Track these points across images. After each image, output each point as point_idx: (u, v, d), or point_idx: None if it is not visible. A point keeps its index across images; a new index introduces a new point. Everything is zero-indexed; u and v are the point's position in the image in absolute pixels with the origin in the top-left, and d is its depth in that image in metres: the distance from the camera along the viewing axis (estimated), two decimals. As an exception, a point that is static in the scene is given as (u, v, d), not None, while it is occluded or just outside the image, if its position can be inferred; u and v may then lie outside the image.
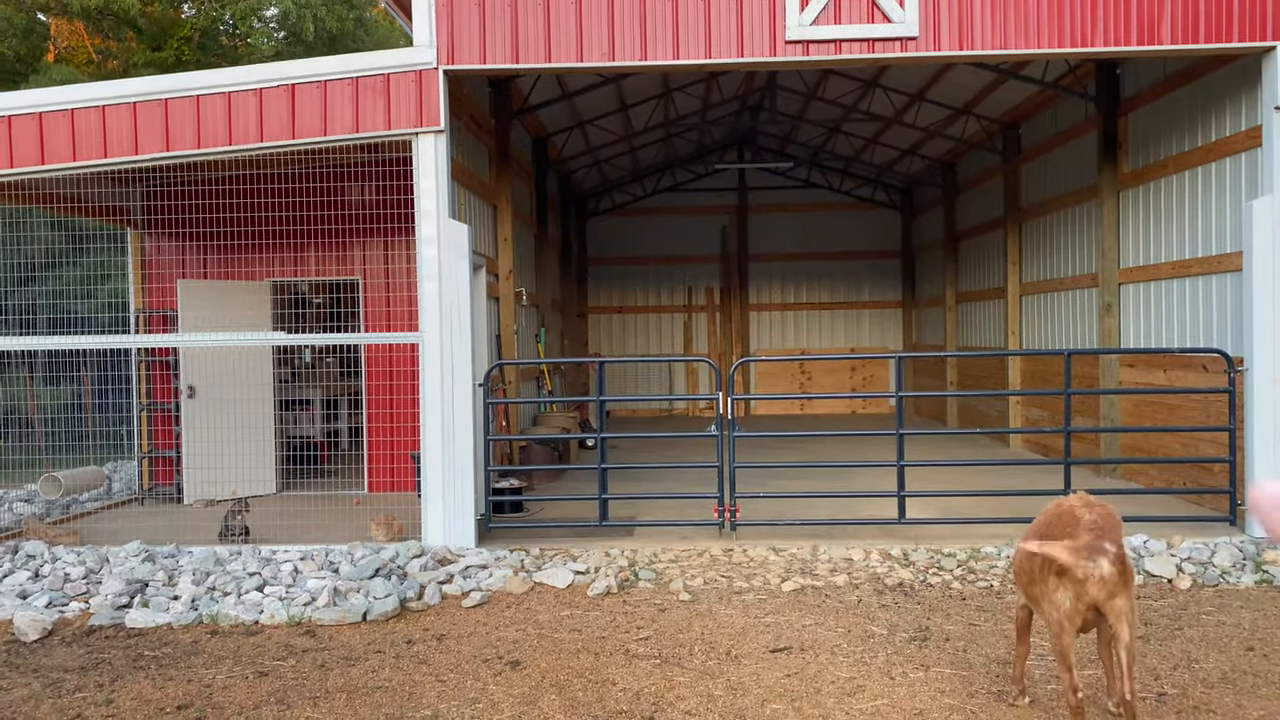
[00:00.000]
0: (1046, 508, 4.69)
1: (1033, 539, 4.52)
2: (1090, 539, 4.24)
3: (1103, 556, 4.20)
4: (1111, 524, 4.34)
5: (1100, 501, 4.51)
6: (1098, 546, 4.21)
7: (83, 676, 5.72)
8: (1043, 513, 4.68)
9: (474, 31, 8.15)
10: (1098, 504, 4.47)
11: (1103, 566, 4.17)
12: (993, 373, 15.00)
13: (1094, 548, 4.21)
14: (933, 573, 7.51)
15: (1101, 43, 8.05)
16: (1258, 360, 8.09)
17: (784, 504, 9.61)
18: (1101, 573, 4.17)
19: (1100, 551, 4.21)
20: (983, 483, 10.03)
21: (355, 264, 11.06)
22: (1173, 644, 5.91)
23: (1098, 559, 4.19)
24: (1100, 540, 4.23)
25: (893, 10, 8.04)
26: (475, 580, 7.45)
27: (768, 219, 20.90)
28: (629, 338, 21.11)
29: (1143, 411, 10.46)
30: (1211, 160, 9.27)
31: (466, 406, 8.29)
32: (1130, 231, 10.93)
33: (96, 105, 8.11)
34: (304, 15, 22.88)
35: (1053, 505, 4.65)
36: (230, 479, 10.45)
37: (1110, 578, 4.18)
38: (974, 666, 5.57)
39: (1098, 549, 4.21)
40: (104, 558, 7.86)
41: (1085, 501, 4.48)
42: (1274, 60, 8.01)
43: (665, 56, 8.18)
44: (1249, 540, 7.91)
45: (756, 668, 5.62)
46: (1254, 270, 8.10)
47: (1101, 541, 4.23)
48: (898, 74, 13.74)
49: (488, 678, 5.57)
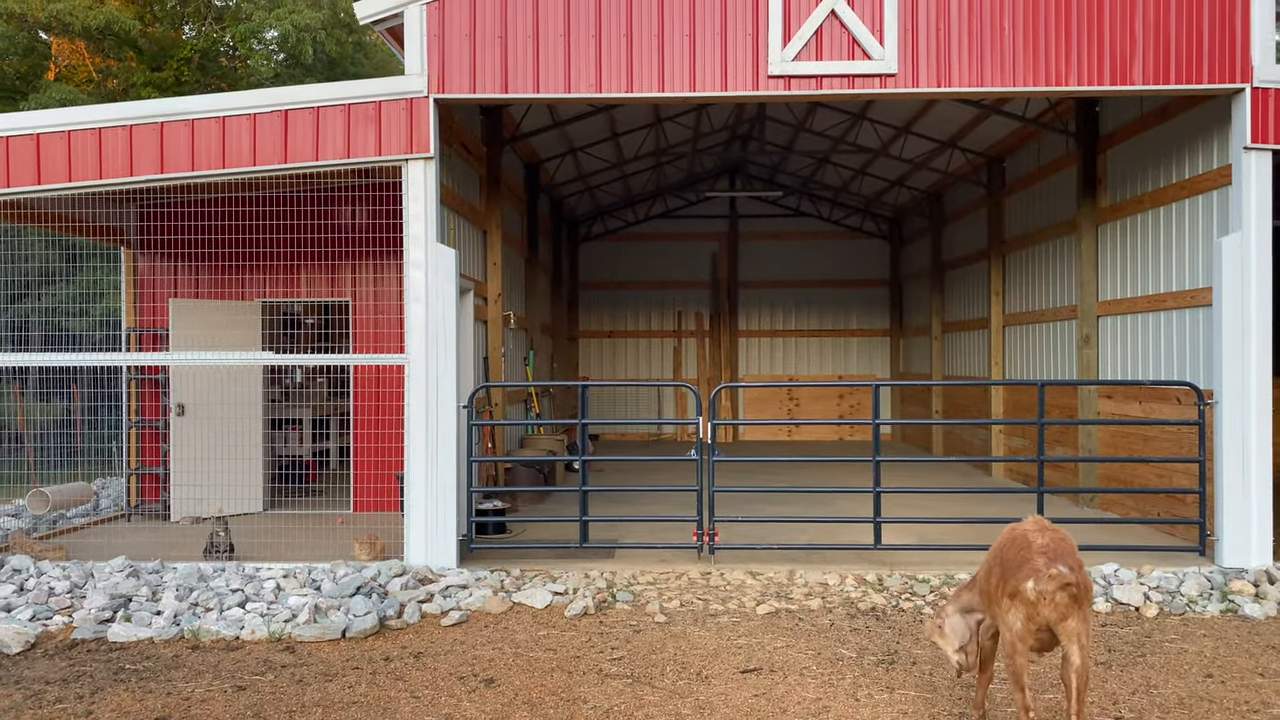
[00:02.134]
0: (1002, 534, 4.83)
1: (988, 565, 4.67)
2: (1042, 561, 4.38)
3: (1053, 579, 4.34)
4: (1064, 548, 4.48)
5: (1054, 526, 4.66)
6: (1049, 569, 4.35)
7: (63, 688, 5.82)
8: (998, 539, 4.82)
9: (464, 61, 8.35)
10: (1050, 528, 4.62)
11: (1053, 588, 4.31)
12: (976, 402, 15.17)
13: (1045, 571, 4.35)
14: (905, 598, 7.64)
15: (1075, 82, 8.28)
16: (1226, 393, 8.27)
17: (763, 528, 9.73)
18: (1054, 595, 4.31)
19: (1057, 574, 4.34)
20: (960, 510, 10.17)
21: (346, 286, 11.21)
22: (1134, 670, 6.04)
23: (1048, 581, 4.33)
24: (1052, 563, 4.37)
25: (873, 48, 8.26)
26: (455, 600, 7.56)
27: (758, 246, 21.13)
28: (619, 362, 21.26)
29: (1119, 442, 10.62)
30: (1185, 197, 9.48)
31: (450, 428, 8.42)
32: (1108, 265, 11.14)
33: (93, 127, 8.27)
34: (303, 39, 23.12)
35: (1007, 531, 4.79)
36: (217, 497, 10.55)
37: (1061, 600, 4.31)
38: (938, 689, 5.69)
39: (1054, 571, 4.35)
40: (89, 573, 7.95)
41: (1039, 526, 4.63)
42: (1243, 101, 8.23)
43: (651, 89, 8.38)
44: (1217, 570, 8.05)
45: (726, 688, 5.73)
46: (1223, 305, 8.29)
47: (1053, 564, 4.37)
48: (884, 107, 13.99)
49: (462, 694, 5.67)
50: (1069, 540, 4.58)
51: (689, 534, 9.13)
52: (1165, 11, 8.19)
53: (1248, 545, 8.22)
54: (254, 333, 11.17)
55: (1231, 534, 8.26)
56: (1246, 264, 8.24)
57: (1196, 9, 8.20)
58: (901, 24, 8.25)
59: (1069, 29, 8.23)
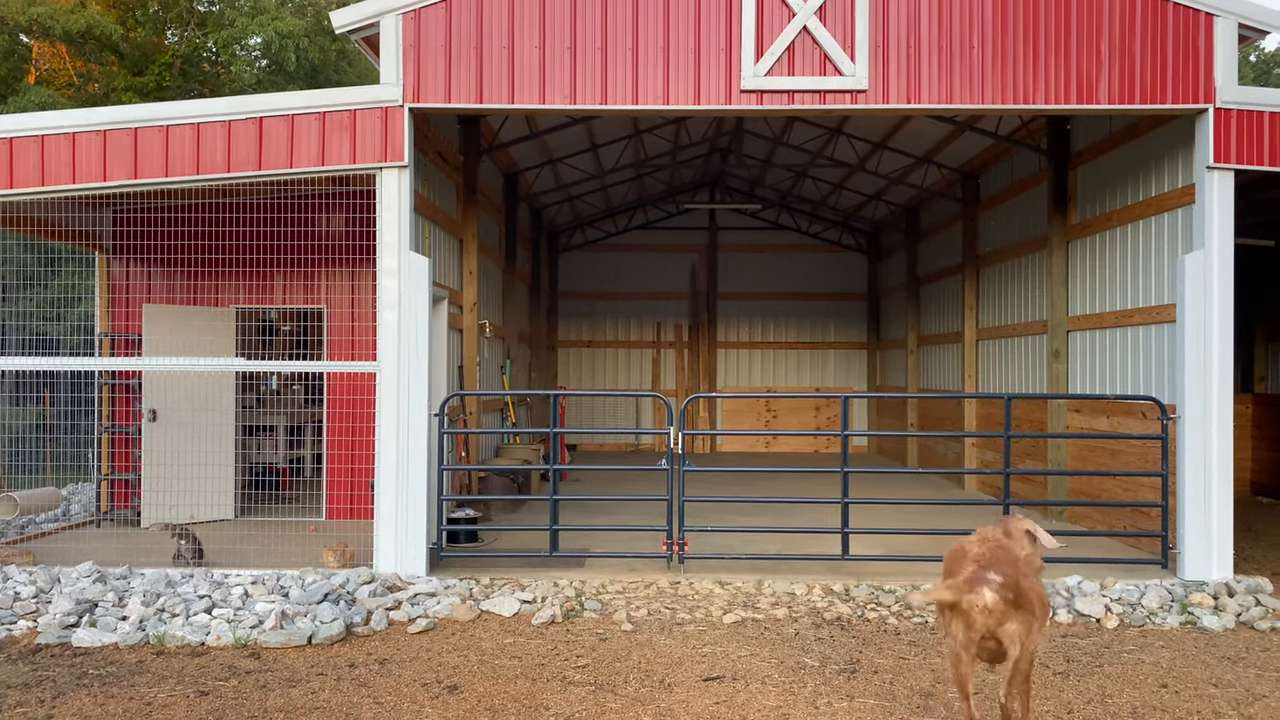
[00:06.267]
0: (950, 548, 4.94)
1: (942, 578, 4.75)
2: (973, 571, 4.48)
3: (984, 586, 4.42)
4: (999, 556, 4.57)
5: (995, 536, 4.75)
6: (979, 577, 4.45)
7: (25, 693, 5.80)
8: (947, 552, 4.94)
9: (439, 71, 8.40)
10: (991, 539, 4.72)
11: (984, 596, 4.39)
12: (950, 415, 15.30)
13: (976, 579, 4.44)
14: (871, 608, 7.71)
15: (1043, 100, 8.40)
16: (1188, 409, 8.39)
17: (733, 538, 9.79)
18: (985, 602, 4.39)
19: (982, 582, 4.43)
20: (929, 522, 10.26)
21: (320, 293, 11.22)
22: (1090, 680, 6.12)
23: (979, 589, 4.41)
24: (983, 571, 4.47)
25: (844, 64, 8.36)
26: (423, 607, 7.57)
27: (737, 259, 21.24)
28: (598, 372, 21.31)
29: (1087, 456, 10.74)
30: (1151, 215, 9.63)
31: (422, 436, 8.44)
32: (1078, 281, 11.28)
33: (66, 132, 8.28)
34: (286, 45, 23.15)
35: (955, 545, 4.90)
36: (189, 503, 10.53)
37: (994, 605, 4.40)
38: (897, 698, 5.75)
39: (979, 579, 4.44)
40: (55, 578, 7.92)
41: (980, 538, 4.75)
42: (1205, 122, 8.38)
43: (625, 101, 8.45)
44: (1179, 583, 8.16)
45: (687, 696, 5.78)
46: (1185, 322, 8.42)
47: (984, 572, 4.47)
48: (860, 123, 14.13)
49: (425, 700, 5.69)
50: (1008, 548, 4.66)
51: (660, 543, 9.18)
52: (1131, 33, 8.34)
53: (1209, 558, 8.34)
54: (228, 339, 11.16)
55: (1193, 547, 8.37)
56: (1209, 281, 8.37)
57: (1161, 31, 8.35)
58: (872, 41, 8.37)
59: (1037, 48, 8.36)
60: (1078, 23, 8.35)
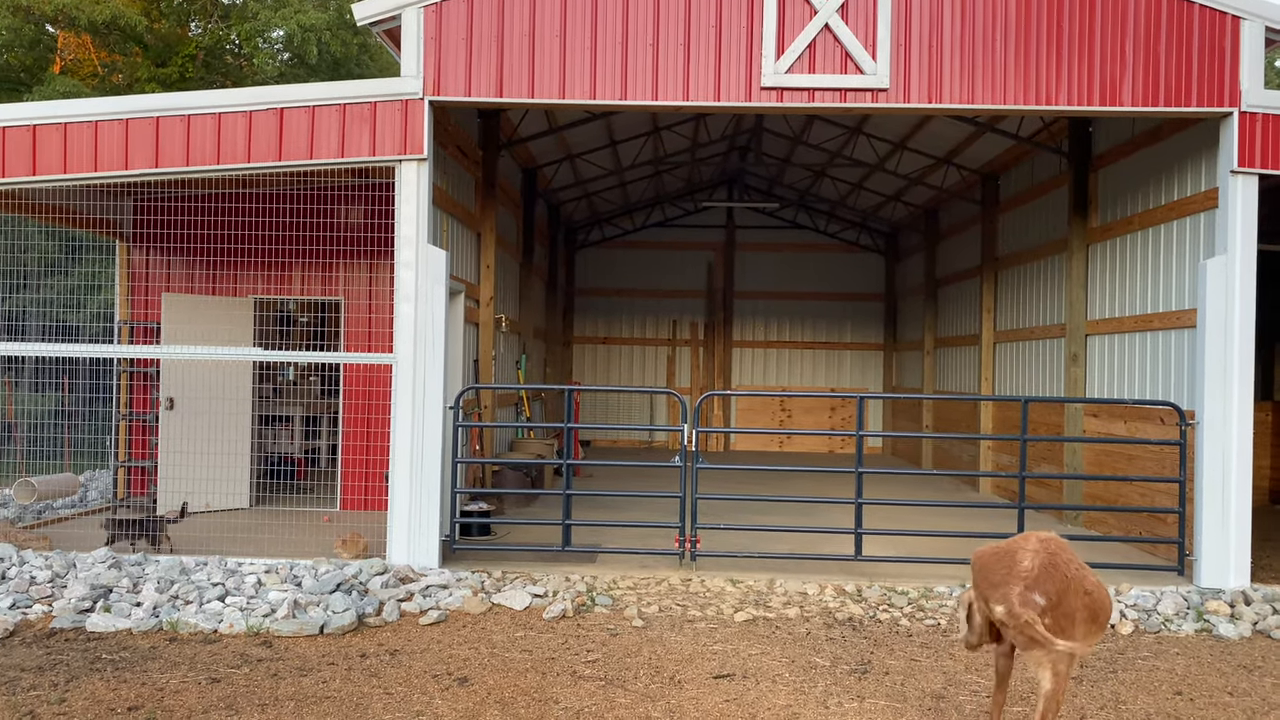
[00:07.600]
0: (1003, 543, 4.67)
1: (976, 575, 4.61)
2: (1018, 591, 4.32)
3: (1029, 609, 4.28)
4: (1049, 575, 4.33)
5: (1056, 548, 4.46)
6: (1028, 600, 4.30)
7: (39, 676, 5.85)
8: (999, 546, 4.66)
9: (460, 65, 8.41)
10: (1047, 551, 4.42)
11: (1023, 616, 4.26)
12: (966, 417, 15.22)
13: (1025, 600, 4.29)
14: (883, 609, 7.67)
15: (1065, 101, 8.34)
16: (1208, 415, 8.31)
17: (746, 537, 9.76)
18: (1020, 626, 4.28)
19: (1029, 605, 4.29)
20: (943, 524, 10.22)
21: (339, 284, 11.26)
22: (1104, 686, 6.07)
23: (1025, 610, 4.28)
24: (1029, 593, 4.31)
25: (865, 62, 8.33)
26: (435, 599, 7.59)
27: (754, 257, 21.19)
28: (613, 368, 21.31)
29: (1105, 461, 10.66)
30: (1173, 219, 9.54)
31: (436, 428, 8.46)
32: (1097, 285, 11.20)
33: (89, 120, 8.33)
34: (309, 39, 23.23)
35: (1007, 542, 4.63)
36: (205, 491, 10.59)
37: (1026, 630, 4.26)
38: (908, 699, 5.73)
39: (1028, 602, 4.29)
40: (71, 563, 7.99)
41: (1038, 546, 4.45)
42: (1230, 125, 8.30)
43: (645, 96, 8.44)
44: (1195, 590, 8.10)
45: (697, 693, 5.77)
46: (1206, 327, 8.34)
47: (1031, 594, 4.31)
48: (880, 122, 14.07)
49: (435, 692, 5.71)
50: (1061, 566, 4.36)
51: (672, 540, 9.17)
52: (1156, 34, 8.27)
53: (1226, 566, 8.26)
54: (246, 329, 11.21)
55: (1210, 554, 8.30)
56: (1231, 287, 8.29)
57: (1187, 33, 8.27)
58: (894, 40, 8.33)
59: (1060, 49, 8.30)
60: (1102, 24, 8.28)
